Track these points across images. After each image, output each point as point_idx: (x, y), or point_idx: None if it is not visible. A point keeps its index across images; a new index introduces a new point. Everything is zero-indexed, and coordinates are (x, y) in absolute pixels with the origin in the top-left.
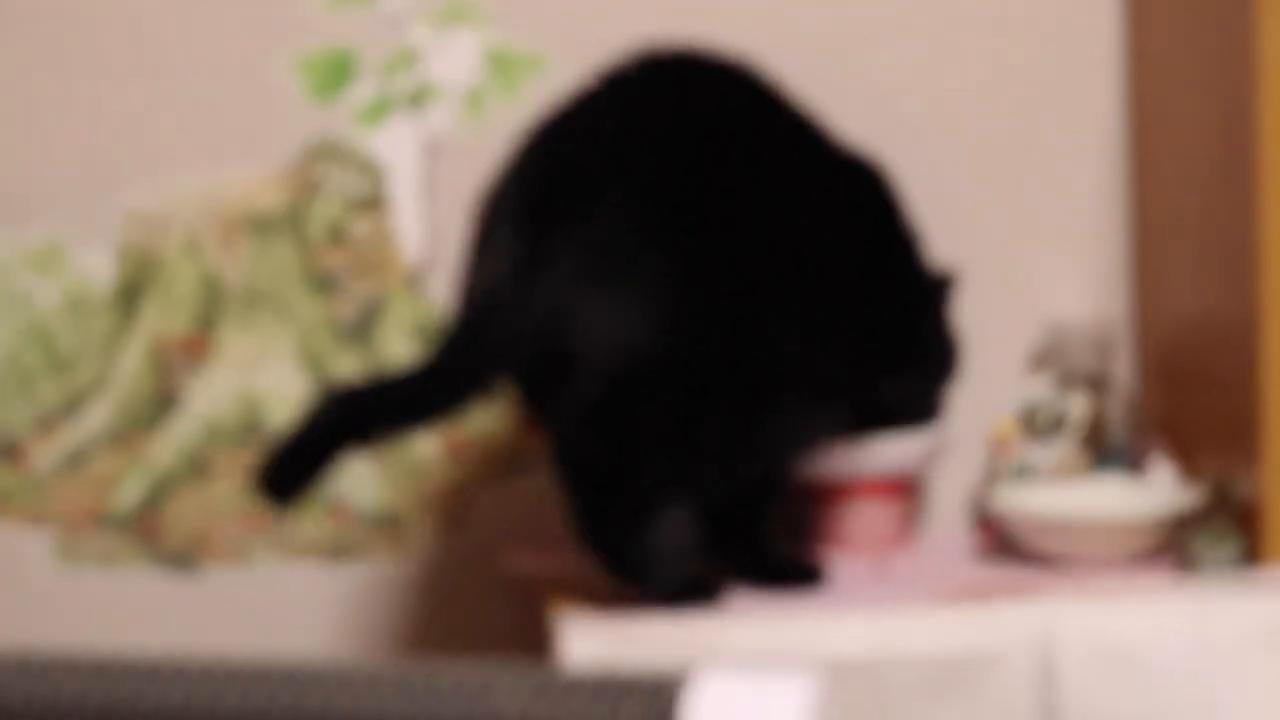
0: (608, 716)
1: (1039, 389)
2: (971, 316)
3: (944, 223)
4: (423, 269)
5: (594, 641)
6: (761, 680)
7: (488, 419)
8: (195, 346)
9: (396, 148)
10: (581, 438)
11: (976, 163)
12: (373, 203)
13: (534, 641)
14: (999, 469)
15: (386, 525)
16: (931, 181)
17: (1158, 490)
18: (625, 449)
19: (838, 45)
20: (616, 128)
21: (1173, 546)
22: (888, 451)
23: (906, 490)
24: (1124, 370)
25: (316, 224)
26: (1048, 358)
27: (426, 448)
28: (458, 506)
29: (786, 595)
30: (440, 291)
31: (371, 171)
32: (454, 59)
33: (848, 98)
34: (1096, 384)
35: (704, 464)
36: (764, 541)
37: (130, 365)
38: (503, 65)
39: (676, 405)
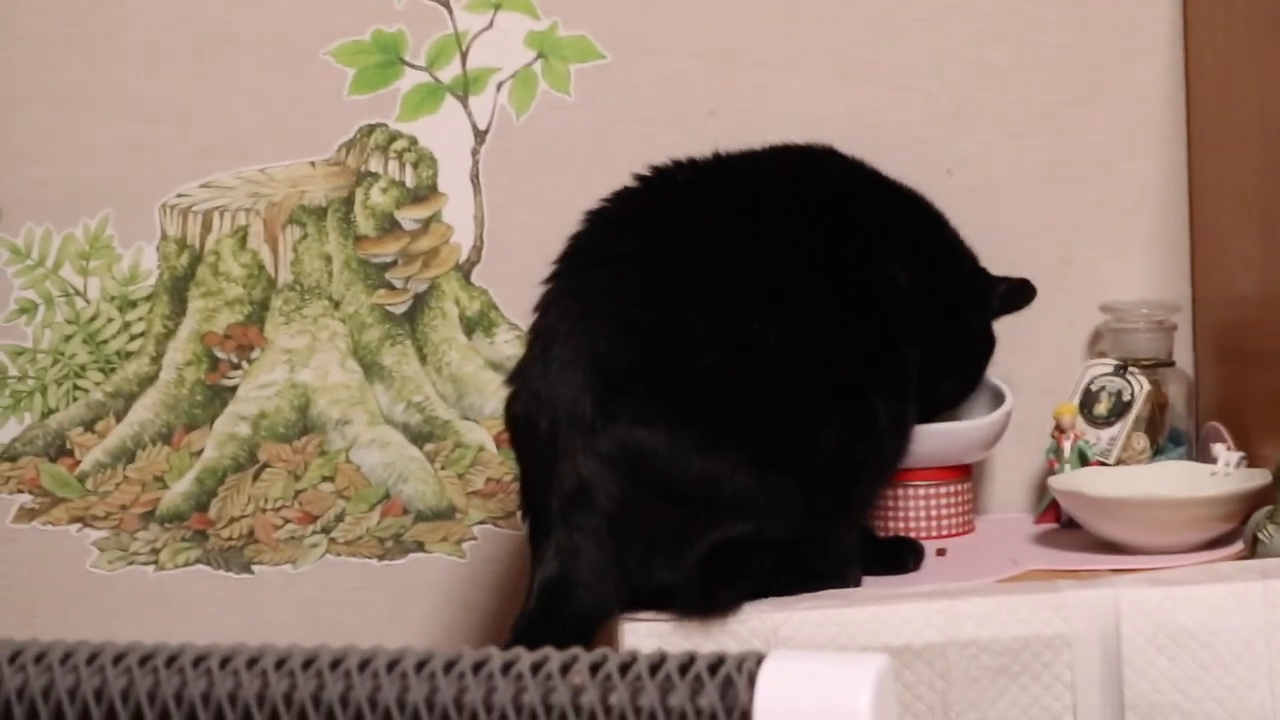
0: (685, 699)
1: (1100, 373)
2: (1033, 302)
3: (1004, 209)
4: (472, 258)
5: (651, 631)
6: (831, 661)
7: None
8: (244, 340)
9: (444, 136)
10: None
11: (1036, 148)
12: (421, 192)
13: None
14: (1061, 453)
15: (438, 518)
16: (991, 167)
17: (1221, 473)
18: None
19: (891, 31)
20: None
21: (1237, 529)
22: (949, 436)
23: (967, 475)
24: (1185, 353)
25: (365, 215)
26: (1109, 342)
27: (476, 439)
28: (509, 499)
29: (897, 575)
30: (490, 281)
31: (419, 161)
32: (500, 45)
33: (904, 83)
34: (1158, 368)
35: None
36: (870, 528)
37: (179, 360)
38: (550, 51)
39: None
